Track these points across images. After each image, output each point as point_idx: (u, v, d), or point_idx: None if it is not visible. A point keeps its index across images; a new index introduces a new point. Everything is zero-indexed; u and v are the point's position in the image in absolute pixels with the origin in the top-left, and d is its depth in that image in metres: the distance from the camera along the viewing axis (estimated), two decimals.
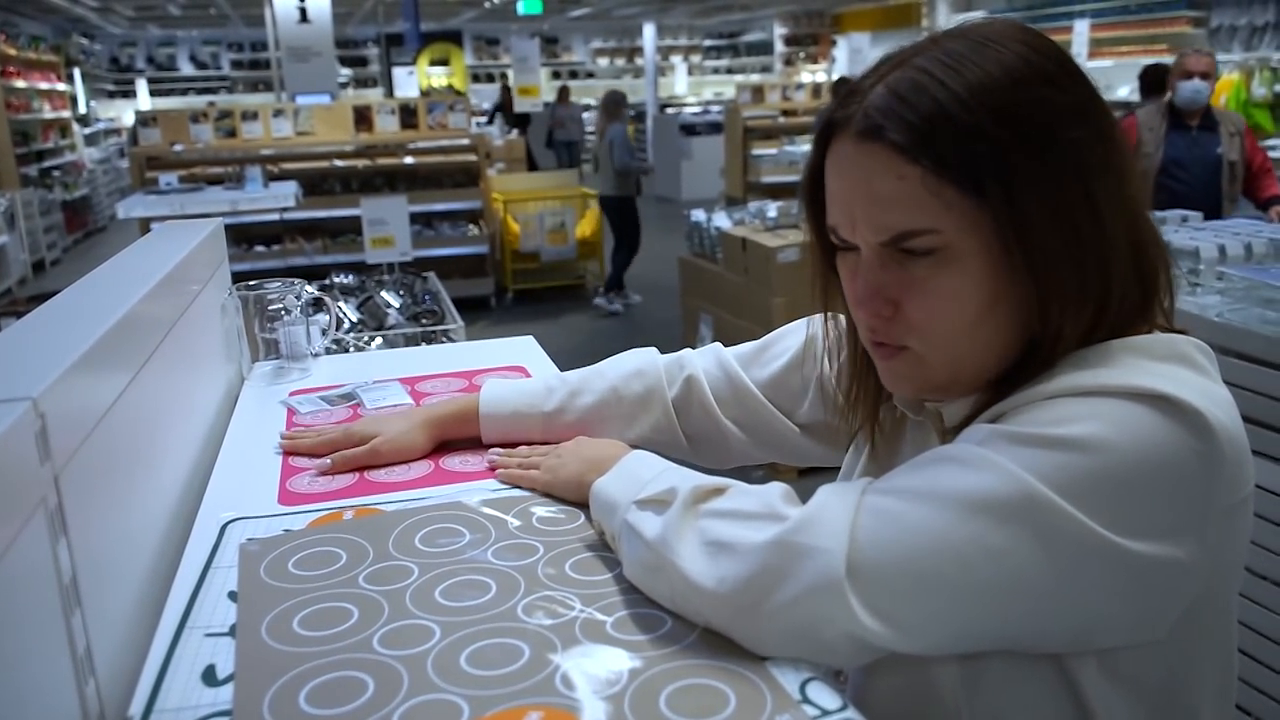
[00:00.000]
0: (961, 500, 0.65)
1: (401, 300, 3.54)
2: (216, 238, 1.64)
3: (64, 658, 0.69)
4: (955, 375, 0.76)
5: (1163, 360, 0.70)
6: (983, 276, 0.70)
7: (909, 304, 0.72)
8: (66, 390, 0.73)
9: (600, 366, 1.15)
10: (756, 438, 1.08)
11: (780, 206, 4.80)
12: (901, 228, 0.70)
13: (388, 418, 1.18)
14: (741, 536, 0.71)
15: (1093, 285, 0.71)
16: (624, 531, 0.81)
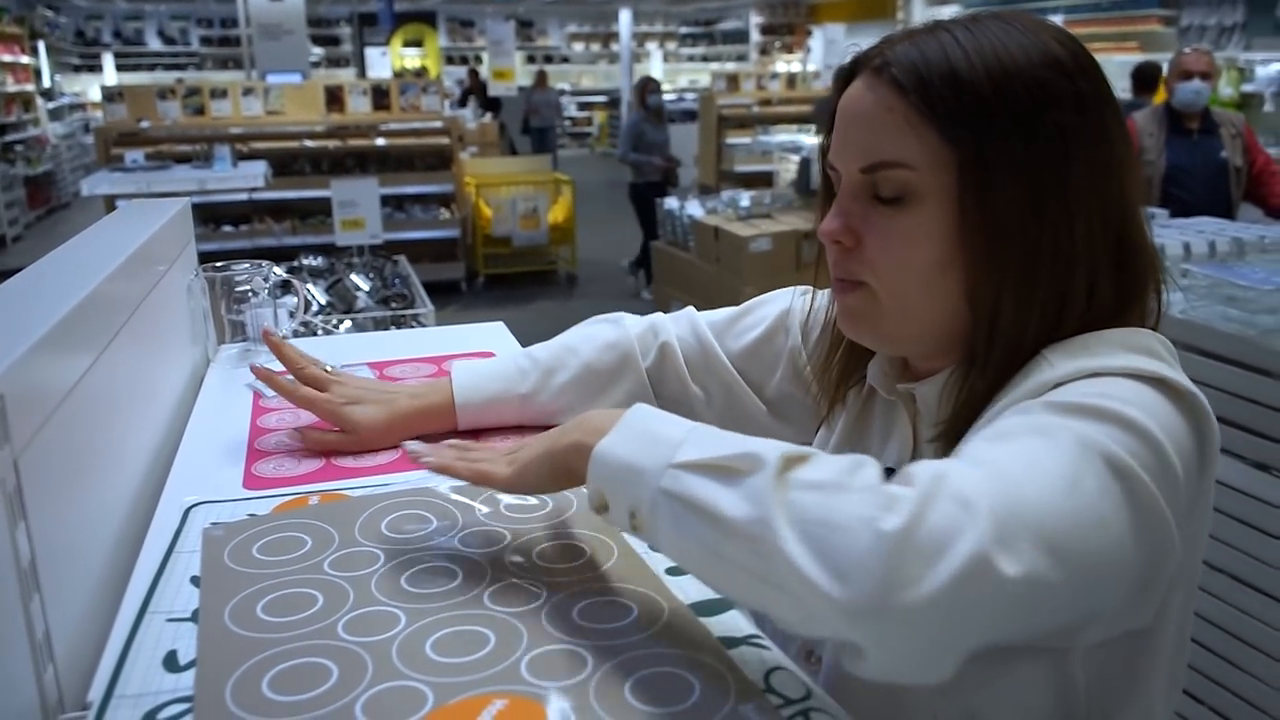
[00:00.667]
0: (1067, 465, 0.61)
1: (371, 283, 3.52)
2: (184, 217, 1.62)
3: (22, 643, 0.68)
4: (904, 326, 0.78)
5: (1133, 351, 0.72)
6: (940, 226, 0.73)
7: (869, 240, 0.76)
8: (27, 371, 0.72)
9: (569, 340, 1.12)
10: (723, 412, 1.08)
11: (753, 196, 4.82)
12: (877, 156, 0.74)
13: (366, 397, 1.13)
14: (857, 518, 0.56)
15: (1046, 270, 0.72)
16: (663, 503, 0.64)
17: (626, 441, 0.69)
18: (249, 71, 8.70)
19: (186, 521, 0.94)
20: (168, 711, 0.66)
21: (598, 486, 0.71)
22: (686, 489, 0.63)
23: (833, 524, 0.56)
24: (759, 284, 4.02)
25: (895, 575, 0.54)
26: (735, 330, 1.08)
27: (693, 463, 0.64)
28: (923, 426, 0.84)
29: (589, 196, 8.99)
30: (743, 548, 0.59)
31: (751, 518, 0.59)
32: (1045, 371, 0.70)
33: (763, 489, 0.59)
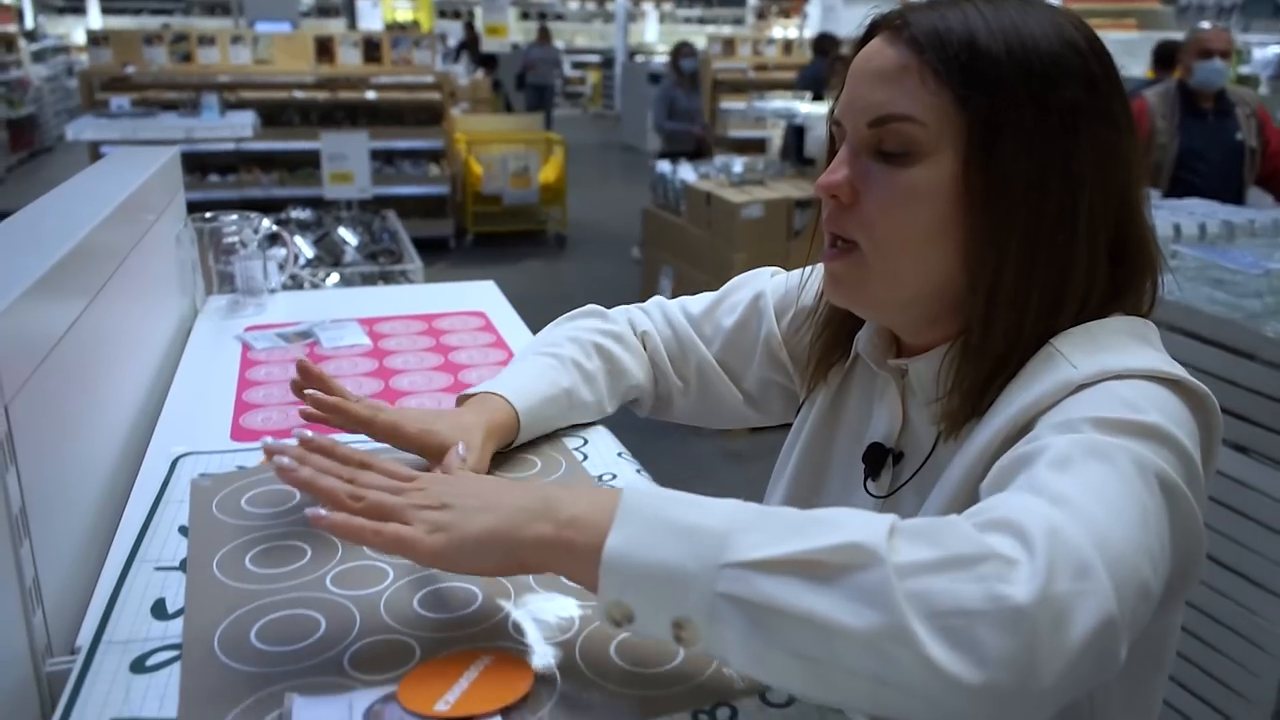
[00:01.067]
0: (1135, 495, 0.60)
1: (359, 238, 3.50)
2: (173, 167, 1.61)
3: (12, 588, 0.68)
4: (892, 290, 0.78)
5: (1139, 341, 0.73)
6: (941, 187, 0.73)
7: (867, 196, 0.76)
8: (18, 318, 0.72)
9: (571, 333, 1.04)
10: (699, 401, 1.07)
11: (746, 163, 4.80)
12: (887, 110, 0.74)
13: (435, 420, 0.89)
14: (984, 597, 0.52)
15: (1046, 244, 0.72)
16: (728, 611, 0.55)
17: (645, 537, 0.57)
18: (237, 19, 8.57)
19: (174, 472, 0.95)
20: (156, 658, 0.66)
21: (619, 597, 0.58)
22: (765, 595, 0.54)
23: (965, 611, 0.52)
24: (750, 250, 4.02)
25: (1035, 656, 0.51)
26: (712, 320, 1.05)
27: (763, 561, 0.55)
28: (913, 402, 0.84)
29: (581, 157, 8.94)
30: (863, 655, 0.52)
31: (879, 625, 0.52)
32: (1065, 369, 0.69)
33: (881, 588, 0.52)
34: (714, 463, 3.65)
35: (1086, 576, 0.53)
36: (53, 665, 0.72)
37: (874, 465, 0.85)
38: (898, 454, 0.84)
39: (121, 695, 0.62)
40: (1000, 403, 0.73)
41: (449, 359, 1.34)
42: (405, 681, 0.62)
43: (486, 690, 0.61)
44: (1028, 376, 0.72)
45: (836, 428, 0.92)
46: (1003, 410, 0.72)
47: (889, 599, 0.52)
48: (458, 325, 1.50)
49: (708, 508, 0.59)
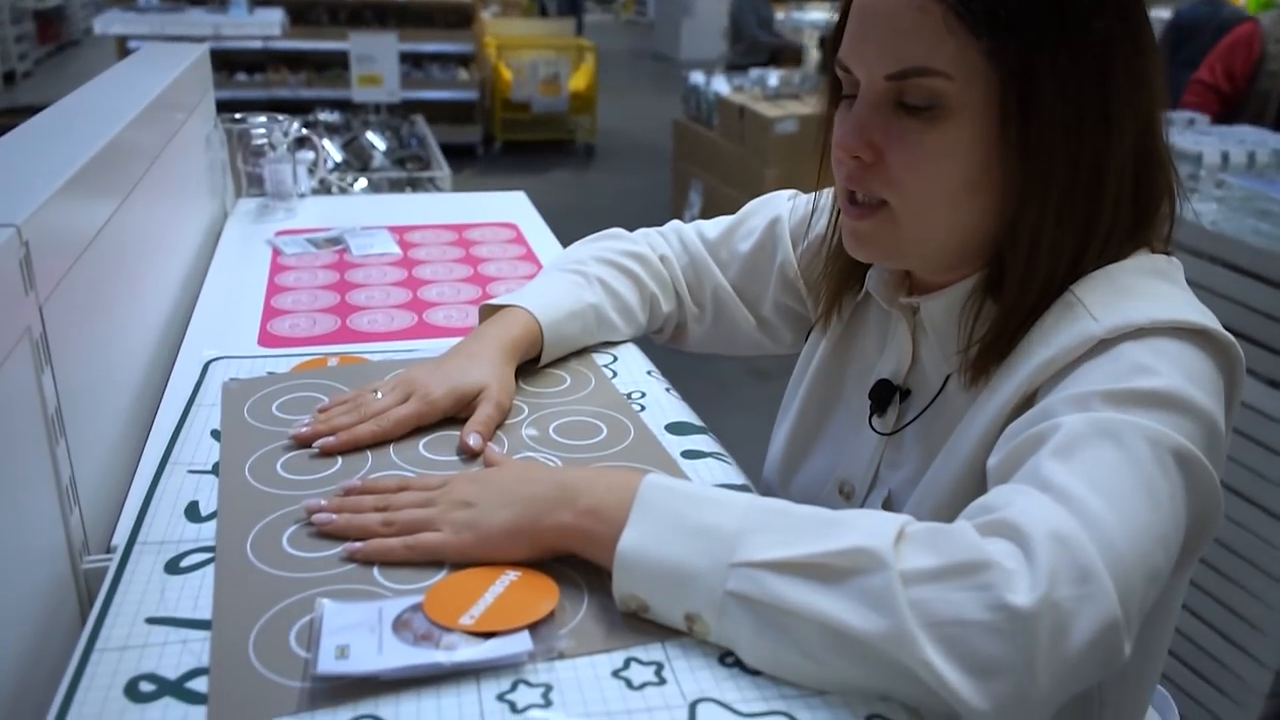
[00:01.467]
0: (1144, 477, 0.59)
1: (388, 143, 3.46)
2: (202, 65, 1.58)
3: (48, 486, 0.69)
4: (921, 247, 0.74)
5: (1161, 279, 0.70)
6: (974, 143, 0.68)
7: (893, 155, 0.70)
8: (51, 217, 0.71)
9: (595, 251, 1.03)
10: (713, 327, 1.06)
11: (782, 76, 4.68)
12: (911, 63, 0.67)
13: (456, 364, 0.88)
14: (986, 605, 0.53)
15: (1084, 188, 0.69)
16: (737, 609, 0.57)
17: (659, 535, 0.60)
18: None
19: (206, 375, 0.95)
20: (190, 560, 0.67)
21: (633, 591, 0.60)
22: (773, 594, 0.56)
23: (965, 621, 0.53)
24: (782, 166, 3.94)
25: (1033, 664, 0.52)
26: (728, 245, 1.03)
27: (773, 562, 0.56)
28: (923, 340, 0.81)
29: (612, 65, 8.77)
30: (867, 658, 0.54)
31: (882, 629, 0.53)
32: (1084, 322, 0.66)
33: (885, 593, 0.53)
34: (739, 380, 3.65)
35: (1088, 581, 0.54)
36: (89, 562, 0.74)
37: (880, 402, 0.84)
38: (904, 391, 0.83)
39: (156, 595, 0.64)
40: (1018, 354, 0.70)
41: (478, 271, 1.33)
42: (431, 593, 0.63)
43: (512, 606, 0.62)
44: (1046, 329, 0.69)
45: (845, 362, 0.91)
46: (1021, 365, 0.69)
47: (893, 604, 0.53)
48: (488, 236, 1.48)
49: (722, 505, 0.61)
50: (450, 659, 0.57)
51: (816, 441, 0.92)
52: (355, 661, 0.56)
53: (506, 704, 0.55)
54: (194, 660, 0.58)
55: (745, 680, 0.57)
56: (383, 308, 1.18)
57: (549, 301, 0.96)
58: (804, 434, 0.93)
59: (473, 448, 0.81)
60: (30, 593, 0.66)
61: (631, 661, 0.59)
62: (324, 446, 0.80)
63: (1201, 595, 1.84)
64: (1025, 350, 0.70)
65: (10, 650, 0.62)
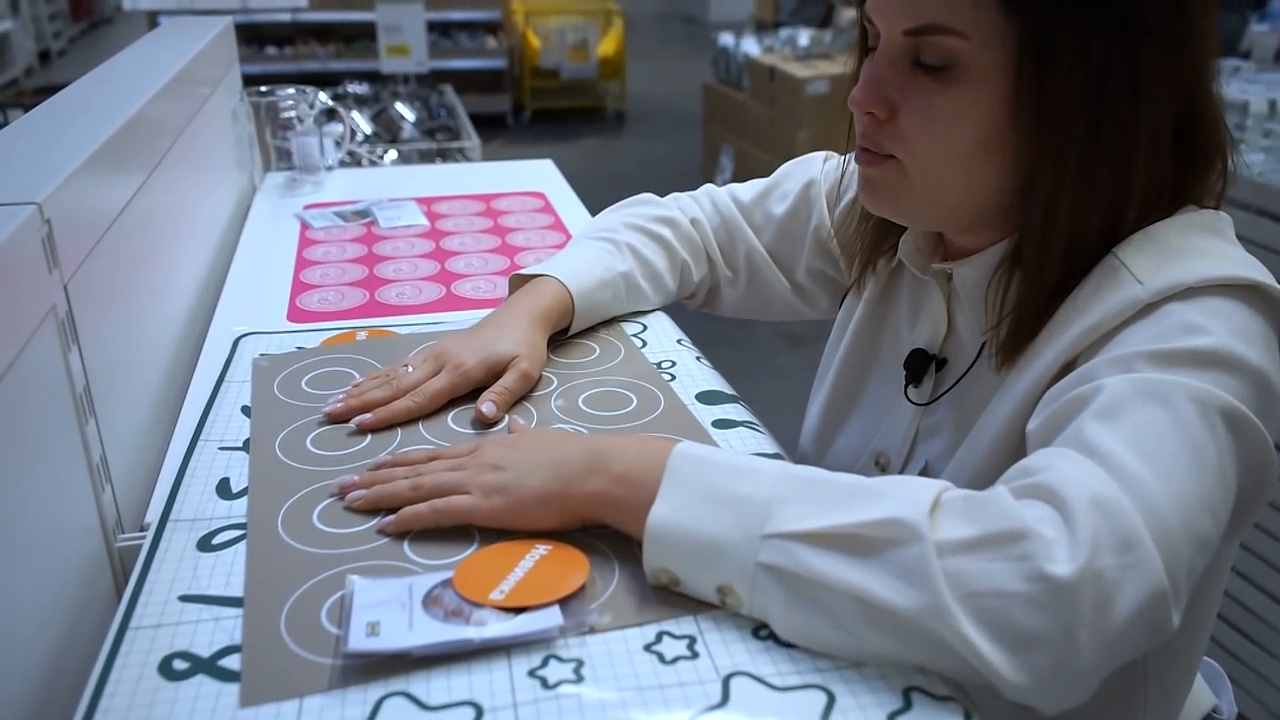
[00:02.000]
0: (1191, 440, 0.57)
1: (417, 114, 3.46)
2: (226, 37, 1.58)
3: (80, 465, 0.69)
4: (931, 206, 0.72)
5: (1209, 233, 0.67)
6: (989, 105, 0.66)
7: (905, 113, 0.69)
8: (73, 195, 0.71)
9: (624, 218, 1.02)
10: (747, 290, 1.04)
11: (813, 35, 4.59)
12: (929, 19, 0.66)
13: (487, 333, 0.88)
14: (1024, 577, 0.51)
15: (1107, 156, 0.65)
16: (768, 581, 0.56)
17: (689, 507, 0.59)
18: None
19: (236, 352, 0.95)
20: (221, 537, 0.67)
21: (664, 564, 0.60)
22: (805, 566, 0.55)
23: (1003, 593, 0.51)
24: (813, 129, 3.88)
25: (1075, 636, 0.50)
26: (762, 208, 1.02)
27: (805, 533, 0.55)
28: (958, 308, 0.79)
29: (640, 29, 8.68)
30: (902, 631, 0.53)
31: (917, 603, 0.52)
32: (1130, 287, 0.63)
33: (920, 566, 0.52)
34: (772, 346, 3.63)
35: (1132, 549, 0.51)
36: (123, 541, 0.74)
37: (915, 372, 0.82)
38: (940, 361, 0.81)
39: (190, 572, 0.64)
40: (1057, 324, 0.67)
41: (506, 241, 1.32)
42: (461, 568, 0.62)
43: (542, 581, 0.61)
44: (1089, 295, 0.66)
45: (880, 332, 0.89)
46: (1061, 333, 0.66)
47: (928, 577, 0.52)
48: (516, 206, 1.47)
49: (753, 474, 0.59)
50: (480, 635, 0.56)
51: (851, 412, 0.91)
52: (385, 638, 0.56)
53: (538, 680, 0.54)
54: (226, 638, 0.58)
55: (780, 654, 0.56)
56: (410, 280, 1.17)
57: (579, 270, 0.95)
58: (839, 405, 0.92)
59: (485, 414, 0.81)
60: (65, 571, 0.66)
61: (664, 635, 0.58)
62: (361, 424, 0.80)
63: (1251, 558, 1.80)
64: (1065, 318, 0.67)
65: (46, 628, 0.63)
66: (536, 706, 0.53)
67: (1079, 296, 0.67)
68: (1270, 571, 1.77)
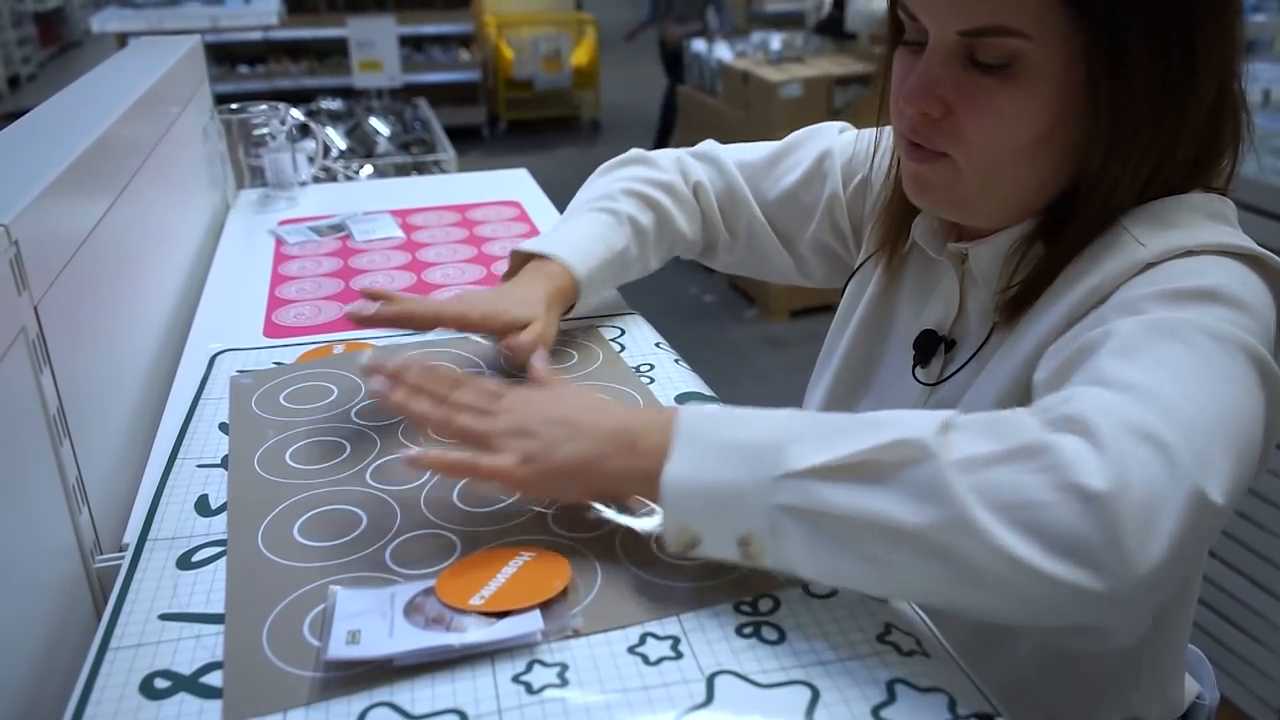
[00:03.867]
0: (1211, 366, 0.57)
1: (391, 128, 3.45)
2: (195, 56, 1.57)
3: (55, 487, 0.69)
4: (984, 201, 0.72)
5: (1213, 219, 0.68)
6: (1050, 103, 0.65)
7: (963, 112, 0.67)
8: (41, 216, 0.71)
9: (622, 185, 1.00)
10: (744, 255, 1.04)
11: (784, 39, 4.62)
12: (987, 20, 0.64)
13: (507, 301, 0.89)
14: (1055, 487, 0.49)
15: (1164, 138, 0.66)
16: (787, 522, 0.54)
17: (702, 460, 0.57)
18: None
19: (212, 369, 0.94)
20: (201, 554, 0.67)
21: (683, 522, 0.58)
22: (822, 501, 0.53)
23: (1035, 503, 0.49)
24: (788, 131, 3.89)
25: (1128, 542, 0.48)
26: (772, 175, 1.00)
27: (816, 468, 0.54)
28: (971, 288, 0.79)
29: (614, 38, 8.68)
30: (930, 552, 0.51)
31: (940, 519, 0.50)
32: (1133, 249, 0.64)
33: (937, 481, 0.51)
34: (753, 348, 3.63)
35: (1162, 454, 0.50)
36: (102, 562, 0.73)
37: (924, 352, 0.82)
38: (949, 342, 0.81)
39: (170, 591, 0.63)
40: (1061, 285, 0.68)
41: (482, 250, 1.32)
42: (444, 575, 0.62)
43: (524, 585, 0.61)
44: (1093, 257, 0.67)
45: (888, 312, 0.89)
46: (1065, 294, 0.67)
47: (946, 492, 0.50)
48: (491, 215, 1.47)
49: (760, 421, 0.58)
50: (461, 641, 0.56)
51: (860, 393, 0.91)
52: (366, 646, 0.56)
53: (522, 685, 0.54)
54: (208, 655, 0.57)
55: (764, 650, 0.56)
56: None
57: (584, 250, 0.94)
58: (846, 387, 0.91)
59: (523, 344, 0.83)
60: (43, 594, 0.66)
61: (647, 637, 0.58)
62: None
63: (1234, 544, 1.82)
64: (1069, 280, 0.68)
65: (25, 651, 0.62)
66: (521, 712, 0.53)
67: (1083, 259, 0.68)
68: (1250, 556, 1.78)
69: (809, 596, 0.61)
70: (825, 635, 0.58)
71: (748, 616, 0.60)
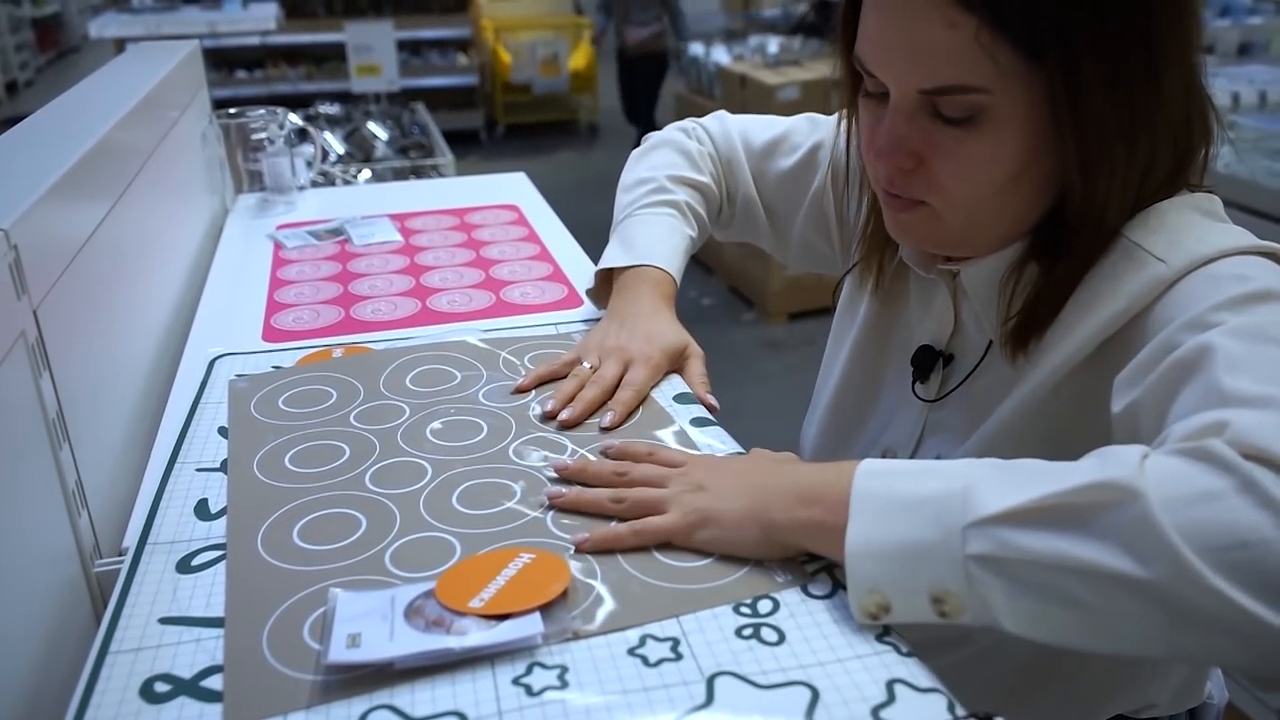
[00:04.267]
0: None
1: (389, 132, 3.45)
2: (193, 61, 1.57)
3: (55, 491, 0.69)
4: (967, 236, 0.72)
5: (1207, 217, 0.68)
6: (1019, 144, 0.66)
7: (934, 162, 0.68)
8: (40, 220, 0.71)
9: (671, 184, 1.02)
10: (739, 228, 1.07)
11: (782, 42, 4.63)
12: (947, 81, 0.64)
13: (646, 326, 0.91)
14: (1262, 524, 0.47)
15: (1142, 155, 0.66)
16: (983, 574, 0.52)
17: (885, 520, 0.55)
18: None
19: (211, 373, 0.94)
20: (201, 558, 0.67)
21: (871, 586, 0.55)
22: (1017, 549, 0.50)
23: (1246, 543, 0.47)
24: None
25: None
26: (771, 158, 1.01)
27: (1008, 513, 0.51)
28: (965, 304, 0.79)
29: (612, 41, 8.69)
30: (1146, 599, 0.48)
31: (1156, 564, 0.48)
32: (1152, 266, 0.64)
33: (1144, 525, 0.48)
34: (752, 351, 3.64)
35: None
36: (101, 566, 0.73)
37: (923, 368, 0.82)
38: (948, 357, 0.81)
39: (169, 594, 0.63)
40: (1074, 309, 0.68)
41: (480, 254, 1.32)
42: (444, 577, 0.62)
43: (523, 588, 0.61)
44: (1107, 277, 0.66)
45: (886, 329, 0.89)
46: (1083, 318, 0.67)
47: (1157, 536, 0.48)
48: (490, 219, 1.47)
49: (939, 471, 0.56)
50: (461, 644, 0.56)
51: (862, 409, 0.91)
52: (366, 650, 0.56)
53: (522, 687, 0.54)
54: (208, 658, 0.57)
55: (763, 651, 0.57)
56: (386, 296, 1.17)
57: (670, 248, 0.98)
58: (847, 403, 0.92)
59: (716, 405, 0.85)
60: (43, 598, 0.66)
61: (647, 638, 0.58)
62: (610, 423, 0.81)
63: None
64: (1085, 303, 0.67)
65: (25, 655, 0.62)
66: (522, 714, 0.53)
67: (1095, 279, 0.67)
68: None
69: (808, 597, 0.61)
70: (825, 636, 0.58)
71: (747, 618, 0.60)
